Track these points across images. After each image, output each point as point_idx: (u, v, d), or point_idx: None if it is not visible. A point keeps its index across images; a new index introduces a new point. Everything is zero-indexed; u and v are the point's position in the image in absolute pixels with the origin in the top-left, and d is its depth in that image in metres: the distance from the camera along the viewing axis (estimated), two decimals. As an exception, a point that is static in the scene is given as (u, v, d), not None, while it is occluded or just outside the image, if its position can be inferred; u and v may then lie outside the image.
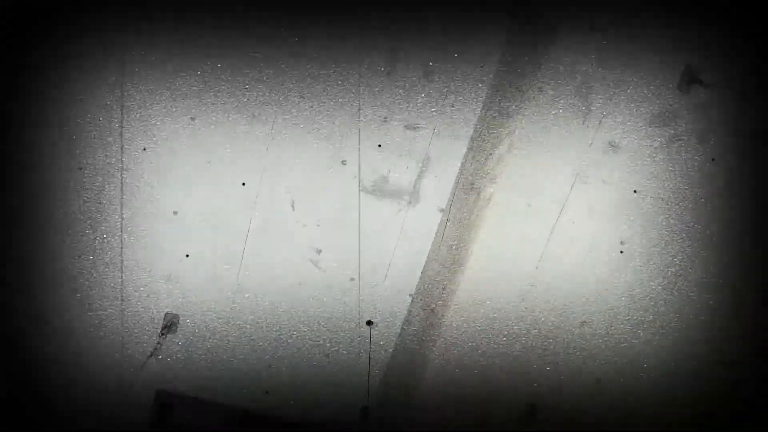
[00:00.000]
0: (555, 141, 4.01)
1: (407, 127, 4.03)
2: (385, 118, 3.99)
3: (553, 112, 3.98)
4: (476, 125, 3.95)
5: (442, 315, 4.25)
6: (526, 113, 3.99)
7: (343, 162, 4.06)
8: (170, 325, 4.13)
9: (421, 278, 4.20)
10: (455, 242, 4.23)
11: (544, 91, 3.92)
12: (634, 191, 4.05)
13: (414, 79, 3.94)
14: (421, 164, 4.15)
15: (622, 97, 3.93)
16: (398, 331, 4.24)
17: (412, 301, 4.23)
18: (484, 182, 4.06)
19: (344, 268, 4.18)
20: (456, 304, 4.20)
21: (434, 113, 3.99)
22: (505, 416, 4.13)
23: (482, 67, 3.89)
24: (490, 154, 3.99)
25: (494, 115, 3.98)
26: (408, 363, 4.19)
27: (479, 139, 3.97)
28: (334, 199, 4.15)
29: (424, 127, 4.01)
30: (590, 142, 4.00)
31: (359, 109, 3.98)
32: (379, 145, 4.08)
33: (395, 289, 4.20)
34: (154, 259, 4.08)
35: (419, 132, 4.01)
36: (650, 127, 3.96)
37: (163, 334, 4.09)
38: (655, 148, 4.00)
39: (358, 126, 4.01)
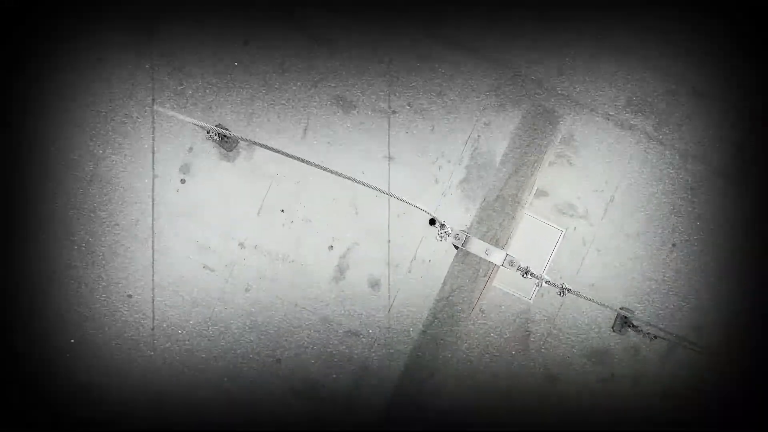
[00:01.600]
0: (494, 370, 4.04)
1: (349, 332, 3.99)
2: (326, 318, 3.96)
3: (494, 341, 4.04)
4: (416, 343, 3.96)
5: None
6: (467, 340, 4.04)
7: (277, 360, 3.96)
8: None
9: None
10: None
11: (486, 314, 3.99)
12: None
13: (361, 287, 3.96)
14: (358, 372, 4.09)
15: (559, 330, 4.03)
16: None
17: None
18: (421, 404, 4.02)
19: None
20: None
21: (377, 321, 3.99)
22: None
23: (423, 300, 3.96)
24: (427, 378, 3.97)
25: (429, 339, 3.99)
26: None
27: (417, 358, 3.96)
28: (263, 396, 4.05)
29: (364, 335, 3.99)
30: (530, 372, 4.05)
31: (302, 310, 3.96)
32: (318, 347, 4.01)
33: None
34: None
35: (360, 339, 3.98)
36: (588, 362, 4.05)
37: None
38: (594, 383, 4.08)
39: (300, 325, 3.97)
